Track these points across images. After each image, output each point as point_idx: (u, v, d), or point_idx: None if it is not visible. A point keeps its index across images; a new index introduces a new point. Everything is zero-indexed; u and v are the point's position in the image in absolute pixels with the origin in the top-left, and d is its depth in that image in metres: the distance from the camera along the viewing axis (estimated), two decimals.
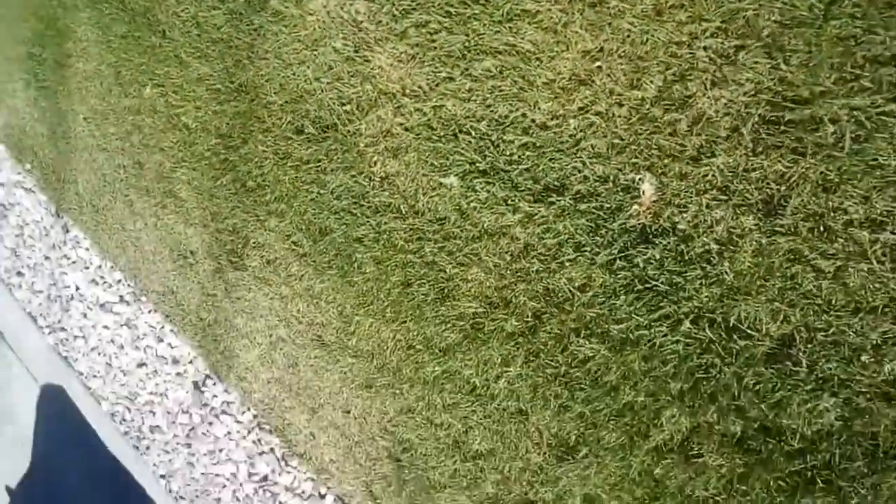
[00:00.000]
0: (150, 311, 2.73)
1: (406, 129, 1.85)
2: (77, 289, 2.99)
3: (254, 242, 2.28)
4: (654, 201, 1.52)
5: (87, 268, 2.95)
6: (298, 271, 2.17)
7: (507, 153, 1.69)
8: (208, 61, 2.27)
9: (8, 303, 3.45)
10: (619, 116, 1.54)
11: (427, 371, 1.92)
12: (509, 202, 1.70)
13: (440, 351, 1.89)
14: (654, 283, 1.53)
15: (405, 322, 1.95)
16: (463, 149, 1.75)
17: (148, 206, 2.62)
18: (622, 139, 1.54)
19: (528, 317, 1.72)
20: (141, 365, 2.76)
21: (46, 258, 3.14)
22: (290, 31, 2.03)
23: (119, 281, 2.84)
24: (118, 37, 2.56)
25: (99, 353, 2.92)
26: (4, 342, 3.67)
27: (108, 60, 2.63)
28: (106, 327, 2.86)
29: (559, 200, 1.62)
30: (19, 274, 3.31)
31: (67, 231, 3.03)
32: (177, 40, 2.35)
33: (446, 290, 1.84)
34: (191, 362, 2.63)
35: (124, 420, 2.85)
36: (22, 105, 3.15)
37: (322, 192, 2.05)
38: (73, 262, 3.00)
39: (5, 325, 3.63)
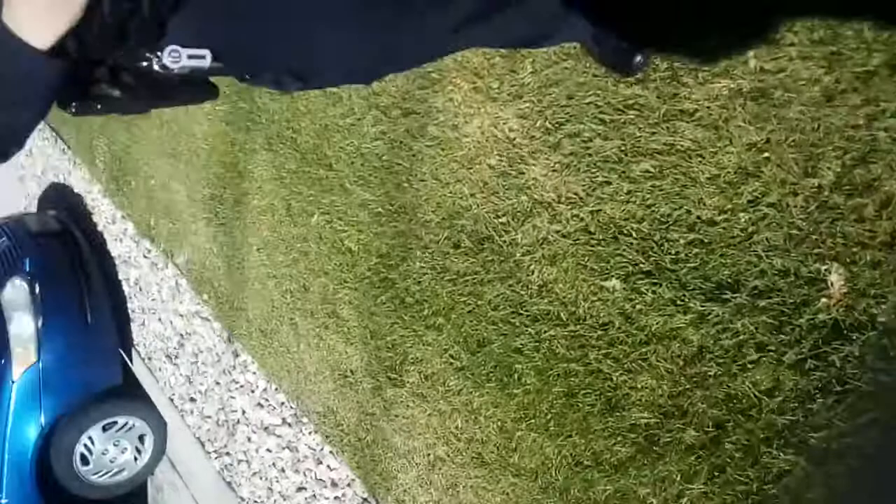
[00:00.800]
0: (310, 433, 2.79)
1: (563, 236, 1.86)
2: (243, 412, 3.14)
3: (412, 358, 2.31)
4: (846, 293, 1.40)
5: (253, 391, 3.10)
6: (456, 385, 2.16)
7: (673, 252, 1.64)
8: (370, 187, 2.43)
9: (180, 429, 3.67)
10: (795, 206, 1.47)
11: (597, 490, 1.81)
12: (678, 302, 1.63)
13: (611, 467, 1.77)
14: (856, 383, 1.38)
15: (571, 436, 1.86)
16: (624, 251, 1.73)
17: (312, 327, 2.75)
18: (801, 230, 1.46)
19: (708, 426, 1.59)
20: (301, 489, 2.80)
21: (217, 383, 3.34)
22: (447, 153, 2.15)
23: (282, 403, 2.95)
24: (290, 172, 2.82)
25: (261, 478, 3.00)
26: (174, 469, 3.87)
27: (280, 195, 2.88)
28: (269, 450, 2.95)
29: (735, 298, 1.54)
30: (192, 400, 3.53)
31: (237, 356, 3.22)
32: (342, 171, 2.55)
33: (614, 400, 1.76)
34: (349, 485, 2.63)
35: None
36: (203, 242, 3.48)
37: (479, 303, 2.07)
38: (241, 386, 3.17)
39: (175, 451, 3.84)
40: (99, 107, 1.04)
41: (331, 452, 2.71)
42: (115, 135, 4.38)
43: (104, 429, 3.84)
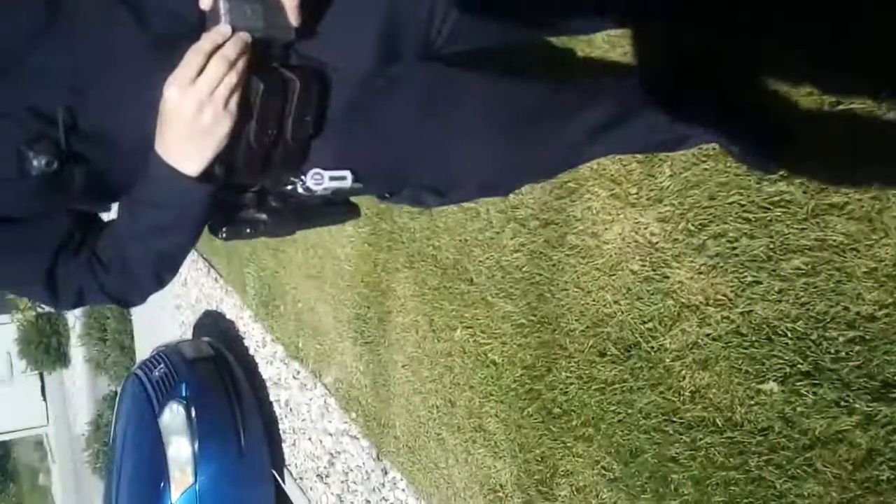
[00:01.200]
0: None
1: (714, 339, 1.90)
2: None
3: (562, 470, 2.35)
4: None
5: None
6: (610, 498, 2.17)
7: (832, 351, 1.64)
8: (512, 299, 2.57)
9: None
10: None
11: None
12: (842, 403, 1.61)
13: None
14: None
15: None
16: (780, 351, 1.74)
17: (459, 442, 2.86)
18: None
19: None
20: None
21: (367, 502, 3.47)
22: (588, 261, 2.26)
23: None
24: (431, 289, 3.02)
25: None
26: None
27: (422, 311, 3.08)
28: None
29: None
30: None
31: (386, 473, 3.35)
32: (483, 284, 2.71)
33: None
34: None
35: None
36: (349, 360, 3.72)
37: (630, 411, 2.11)
38: None
39: None
40: (248, 231, 1.14)
41: None
42: (263, 261, 4.83)
43: None
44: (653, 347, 2.05)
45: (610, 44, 2.04)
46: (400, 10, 1.03)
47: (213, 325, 5.86)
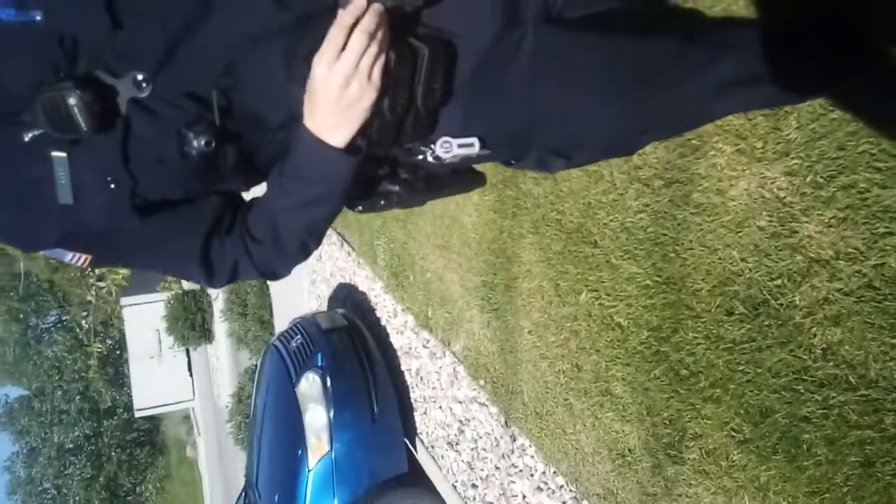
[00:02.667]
0: None
1: (845, 294, 1.92)
2: (524, 497, 3.41)
3: (691, 433, 2.43)
4: None
5: (532, 475, 3.37)
6: (741, 460, 2.24)
7: None
8: (637, 261, 2.66)
9: None
10: None
11: None
12: None
13: None
14: None
15: None
16: None
17: (586, 406, 2.98)
18: None
19: None
20: None
21: (496, 468, 3.67)
22: (714, 218, 2.32)
23: (561, 486, 3.18)
24: (556, 253, 3.15)
25: None
26: None
27: (548, 276, 3.21)
28: None
29: None
30: (473, 486, 3.90)
31: (515, 440, 3.54)
32: (607, 247, 2.81)
33: None
34: None
35: None
36: (477, 328, 3.91)
37: (759, 371, 2.16)
38: (520, 471, 3.46)
39: None
40: (382, 203, 1.22)
41: None
42: (393, 233, 5.11)
43: None
44: (782, 305, 2.09)
45: None
46: None
47: (347, 298, 6.24)
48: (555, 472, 3.25)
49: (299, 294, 7.52)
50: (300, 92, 1.02)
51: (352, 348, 5.05)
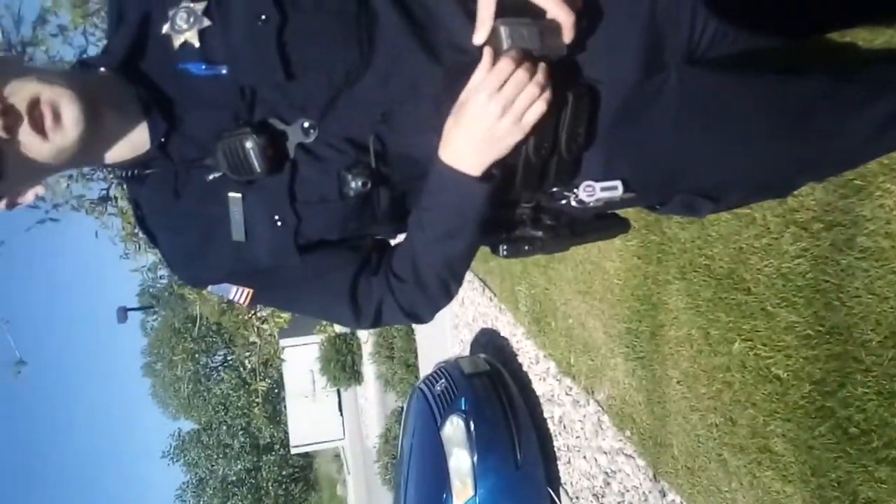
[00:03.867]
0: None
1: None
2: None
3: (863, 498, 2.18)
4: None
5: None
6: None
7: None
8: (795, 309, 2.45)
9: None
10: None
11: None
12: None
13: None
14: None
15: None
16: None
17: (742, 463, 2.76)
18: None
19: None
20: None
21: None
22: (882, 264, 2.10)
23: None
24: (705, 300, 2.96)
25: None
26: None
27: (697, 324, 3.03)
28: None
29: None
30: None
31: (664, 496, 3.33)
32: (762, 294, 2.62)
33: None
34: None
35: None
36: (622, 376, 3.75)
37: None
38: None
39: None
40: (526, 248, 1.21)
41: None
42: (534, 279, 5.04)
43: None
44: None
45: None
46: (660, 20, 1.08)
47: (489, 343, 6.21)
48: None
49: (443, 338, 7.56)
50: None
51: (494, 393, 5.00)
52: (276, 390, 20.36)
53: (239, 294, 1.18)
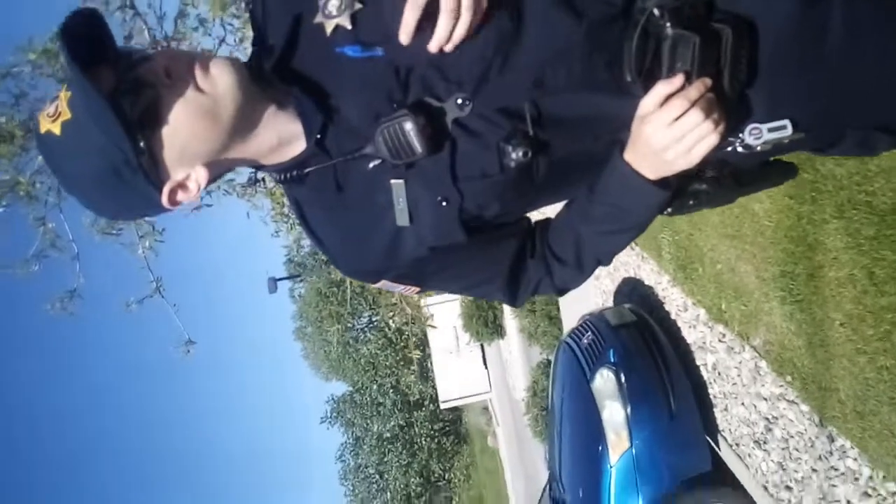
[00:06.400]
0: None
1: None
2: (848, 503, 3.11)
3: None
4: None
5: (856, 479, 3.06)
6: None
7: None
8: None
9: None
10: None
11: None
12: None
13: None
14: None
15: None
16: None
17: None
18: None
19: None
20: None
21: (813, 470, 3.38)
22: None
23: (893, 493, 2.85)
24: (867, 238, 2.83)
25: None
26: None
27: (860, 263, 2.90)
28: None
29: None
30: (787, 488, 3.63)
31: (833, 440, 3.24)
32: None
33: None
34: None
35: None
36: (779, 321, 3.65)
37: None
38: (842, 474, 3.16)
39: None
40: (691, 203, 1.18)
41: None
42: (677, 225, 4.93)
43: None
44: None
45: None
46: None
47: (633, 292, 6.15)
48: (884, 477, 2.92)
49: (585, 289, 7.54)
50: (603, 99, 1.04)
51: (643, 344, 4.96)
52: (421, 346, 21.02)
53: (406, 290, 1.21)
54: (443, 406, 21.02)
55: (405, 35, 0.97)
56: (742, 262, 4.00)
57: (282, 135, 1.06)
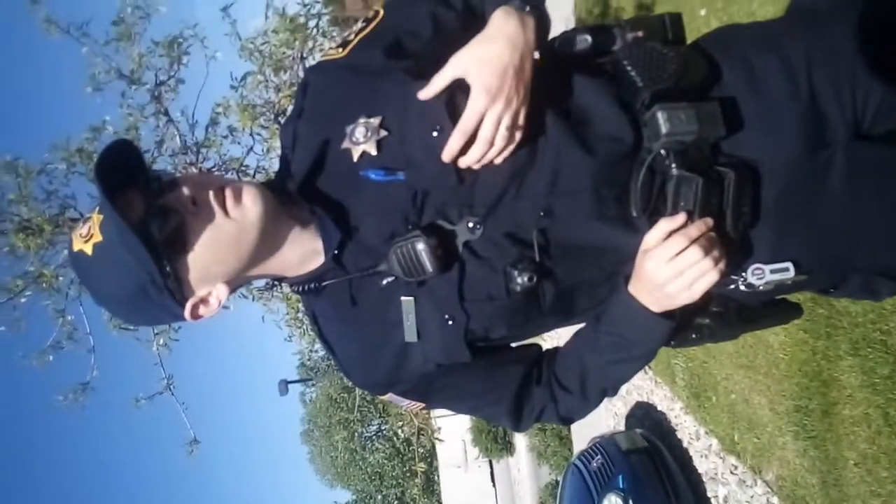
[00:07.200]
0: None
1: None
2: None
3: None
4: None
5: None
6: None
7: None
8: None
9: None
10: None
11: None
12: None
13: None
14: None
15: None
16: None
17: None
18: None
19: None
20: None
21: None
22: None
23: None
24: (882, 378, 2.79)
25: None
26: None
27: (874, 403, 2.85)
28: None
29: None
30: None
31: None
32: None
33: None
34: None
35: None
36: (791, 456, 3.55)
37: None
38: None
39: None
40: (693, 337, 1.18)
41: None
42: (692, 352, 4.89)
43: None
44: None
45: None
46: (821, 95, 1.06)
47: (645, 417, 6.03)
48: None
49: (596, 412, 7.34)
50: (609, 232, 1.07)
51: (654, 471, 4.84)
52: (428, 459, 20.48)
53: (411, 405, 1.22)
54: None
55: (448, 156, 1.02)
56: (756, 393, 3.94)
57: (303, 252, 1.10)
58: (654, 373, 5.81)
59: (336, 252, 1.09)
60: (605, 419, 7.22)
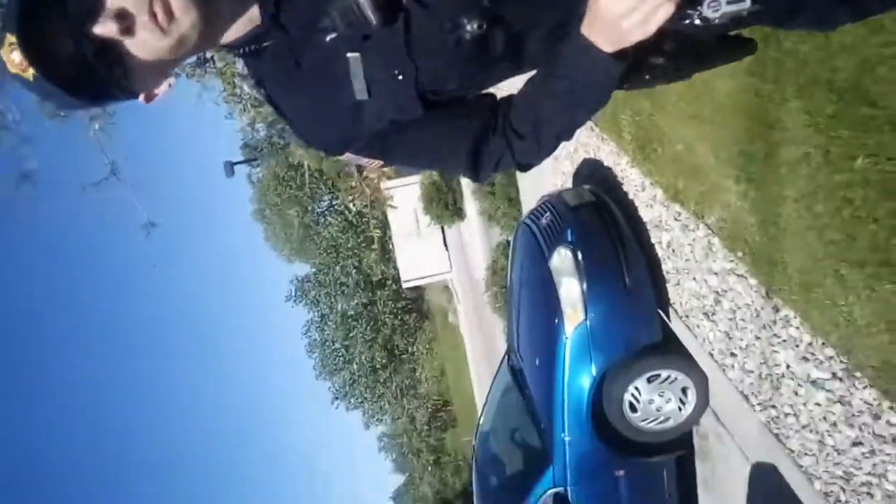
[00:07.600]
0: (864, 388, 2.79)
1: None
2: (787, 367, 3.27)
3: None
4: None
5: (797, 345, 3.21)
6: None
7: None
8: None
9: (721, 382, 3.98)
10: None
11: None
12: None
13: None
14: None
15: None
16: None
17: (861, 278, 2.75)
18: None
19: None
20: (856, 444, 2.82)
21: (757, 338, 3.54)
22: None
23: (830, 357, 3.00)
24: (825, 117, 2.84)
25: (810, 431, 3.11)
26: (717, 420, 4.21)
27: (815, 142, 2.93)
28: (818, 404, 3.04)
29: None
30: (732, 355, 3.80)
31: (777, 311, 3.37)
32: (890, 106, 2.49)
33: None
34: None
35: (838, 501, 2.92)
36: (734, 199, 3.70)
37: None
38: (784, 341, 3.31)
39: (718, 403, 4.17)
40: (647, 78, 1.17)
41: (890, 408, 2.67)
42: (639, 105, 4.90)
43: (648, 381, 4.40)
44: None
45: None
46: None
47: (592, 173, 6.17)
48: (823, 344, 3.06)
49: (544, 171, 7.54)
50: None
51: (600, 223, 5.02)
52: (382, 228, 21.08)
53: (370, 162, 1.22)
54: (405, 286, 21.32)
55: None
56: (701, 141, 4.02)
57: (242, 21, 1.06)
58: (600, 129, 5.85)
59: (274, 13, 1.04)
60: (553, 178, 7.37)
